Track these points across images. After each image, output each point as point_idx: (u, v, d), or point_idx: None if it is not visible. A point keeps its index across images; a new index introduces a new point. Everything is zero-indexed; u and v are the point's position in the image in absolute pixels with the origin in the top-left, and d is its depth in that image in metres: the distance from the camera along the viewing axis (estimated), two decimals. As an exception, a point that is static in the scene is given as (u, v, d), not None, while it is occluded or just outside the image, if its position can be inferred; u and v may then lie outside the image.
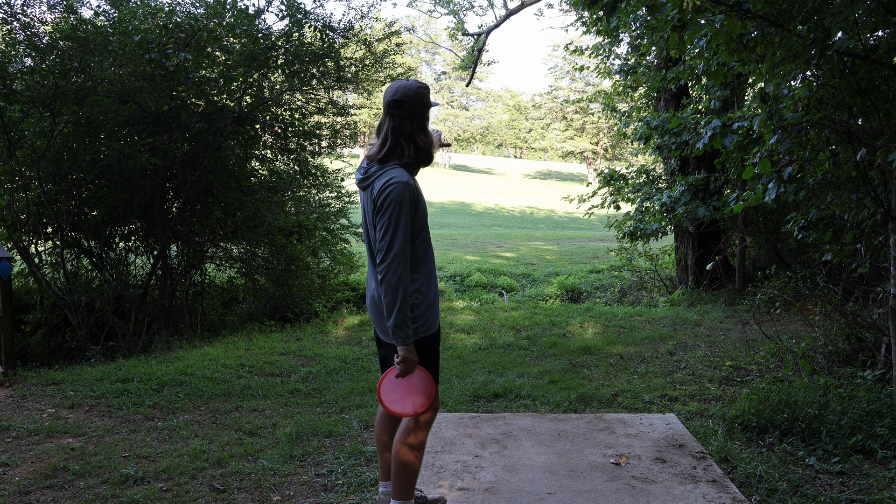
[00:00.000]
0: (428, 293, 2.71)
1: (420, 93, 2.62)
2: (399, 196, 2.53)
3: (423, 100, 2.63)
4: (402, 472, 2.74)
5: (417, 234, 2.67)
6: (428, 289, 2.72)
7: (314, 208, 9.14)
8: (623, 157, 51.32)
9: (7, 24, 6.40)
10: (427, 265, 2.73)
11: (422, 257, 2.70)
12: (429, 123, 2.69)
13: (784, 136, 4.76)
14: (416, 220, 2.63)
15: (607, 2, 4.97)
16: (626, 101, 11.79)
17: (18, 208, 6.54)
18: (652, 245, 11.72)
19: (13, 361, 5.59)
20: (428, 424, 2.78)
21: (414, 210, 2.59)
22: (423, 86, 2.64)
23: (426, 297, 2.70)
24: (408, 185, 2.55)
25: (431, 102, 2.66)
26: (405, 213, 2.54)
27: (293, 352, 6.38)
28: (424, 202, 2.72)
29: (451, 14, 15.75)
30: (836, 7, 3.86)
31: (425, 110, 2.64)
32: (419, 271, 2.70)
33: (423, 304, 2.68)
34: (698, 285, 9.80)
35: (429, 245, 2.76)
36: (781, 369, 5.16)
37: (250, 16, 7.02)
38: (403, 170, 2.61)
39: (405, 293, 2.55)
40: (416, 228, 2.65)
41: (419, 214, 2.64)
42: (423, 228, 2.72)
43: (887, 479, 3.32)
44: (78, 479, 3.44)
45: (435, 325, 2.74)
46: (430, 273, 2.74)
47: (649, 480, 3.36)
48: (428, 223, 2.77)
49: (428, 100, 2.65)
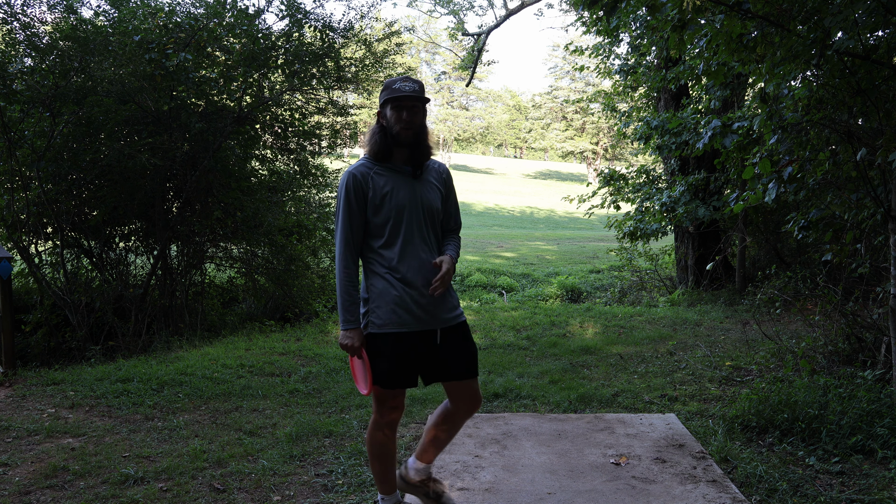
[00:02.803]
0: (381, 293, 2.69)
1: (383, 86, 2.76)
2: (340, 187, 2.73)
3: (381, 92, 2.76)
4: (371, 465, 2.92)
5: (380, 229, 2.70)
6: (381, 288, 2.69)
7: (314, 208, 9.14)
8: (623, 157, 51.31)
9: (7, 24, 6.40)
10: (385, 266, 2.70)
11: (389, 256, 2.70)
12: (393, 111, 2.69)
13: (784, 136, 4.76)
14: (373, 209, 2.69)
15: (607, 2, 4.96)
16: (626, 101, 11.80)
17: (18, 208, 6.54)
18: (652, 245, 11.72)
19: (13, 361, 5.59)
20: (376, 423, 2.81)
21: (362, 200, 2.69)
22: (389, 80, 2.74)
23: (379, 296, 2.69)
24: (348, 173, 2.71)
25: (391, 89, 2.69)
26: (343, 201, 2.69)
27: (293, 352, 6.38)
28: (395, 196, 2.70)
29: (451, 14, 15.75)
30: (836, 7, 3.86)
31: (381, 101, 2.75)
32: (378, 266, 2.72)
33: (374, 300, 2.70)
34: (698, 285, 9.80)
35: (400, 245, 2.70)
36: (781, 369, 5.16)
37: (250, 16, 7.02)
38: (361, 158, 2.79)
39: (339, 281, 2.69)
40: (377, 221, 2.70)
41: (374, 204, 2.69)
42: (390, 225, 2.70)
43: (887, 479, 3.31)
44: (78, 479, 3.44)
45: (384, 328, 2.68)
46: (390, 273, 2.70)
47: (649, 480, 3.36)
48: (408, 226, 2.71)
49: (386, 89, 2.72)
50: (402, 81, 2.69)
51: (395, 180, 2.72)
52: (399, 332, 2.67)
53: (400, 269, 2.68)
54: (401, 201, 2.69)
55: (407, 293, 2.67)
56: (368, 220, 2.70)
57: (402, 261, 2.69)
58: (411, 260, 2.70)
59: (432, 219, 2.78)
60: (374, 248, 2.72)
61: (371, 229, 2.71)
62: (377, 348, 2.69)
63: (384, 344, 2.68)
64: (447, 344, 2.75)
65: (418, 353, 2.71)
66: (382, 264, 2.70)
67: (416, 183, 2.75)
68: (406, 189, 2.72)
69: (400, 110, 2.67)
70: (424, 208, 2.74)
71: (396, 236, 2.70)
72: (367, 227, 2.72)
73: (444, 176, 2.87)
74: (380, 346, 2.69)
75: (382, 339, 2.68)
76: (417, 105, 2.69)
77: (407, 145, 2.71)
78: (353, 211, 2.67)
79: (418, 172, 2.76)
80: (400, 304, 2.67)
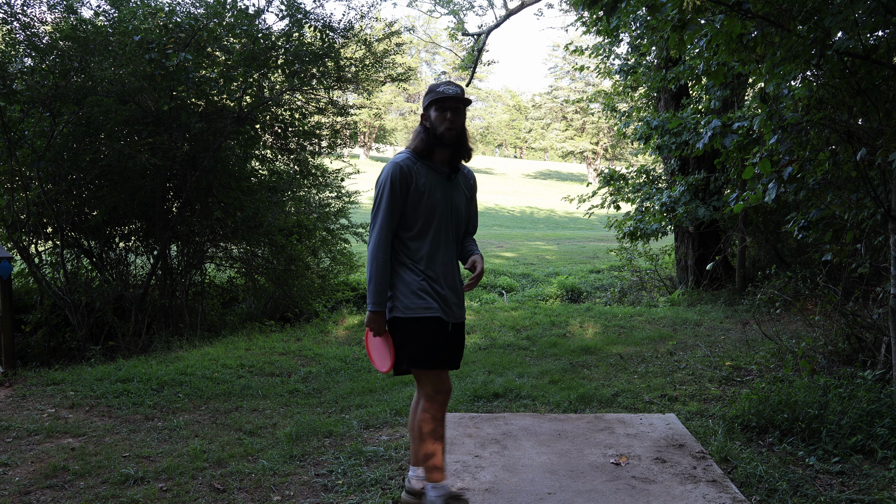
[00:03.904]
0: (407, 281, 2.86)
1: (426, 90, 2.94)
2: (384, 174, 2.85)
3: (425, 95, 2.94)
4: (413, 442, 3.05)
5: (413, 222, 2.85)
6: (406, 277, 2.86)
7: (314, 208, 9.15)
8: (623, 157, 51.28)
9: (7, 24, 6.40)
10: (412, 258, 2.88)
11: (415, 248, 2.88)
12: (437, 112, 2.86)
13: (784, 136, 4.76)
14: (412, 203, 2.83)
15: (607, 2, 4.96)
16: (626, 101, 11.79)
17: (18, 208, 6.54)
18: (652, 245, 11.72)
19: (13, 361, 5.59)
20: (425, 408, 2.91)
21: (405, 190, 2.82)
22: (433, 84, 2.92)
23: (404, 284, 2.86)
24: (395, 164, 2.84)
25: (435, 92, 2.87)
26: (388, 189, 2.81)
27: (293, 352, 6.38)
28: (432, 195, 2.86)
29: (451, 14, 15.75)
30: (836, 7, 3.86)
31: (425, 104, 2.93)
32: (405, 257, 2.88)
33: (399, 287, 2.86)
34: (698, 285, 9.80)
35: (429, 241, 2.88)
36: (781, 369, 5.16)
37: (250, 16, 7.02)
38: (404, 152, 2.91)
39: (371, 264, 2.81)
40: (412, 214, 2.84)
41: (413, 198, 2.83)
42: (422, 220, 2.86)
43: (887, 479, 3.31)
44: (78, 479, 3.44)
45: (409, 312, 2.83)
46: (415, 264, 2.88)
47: (649, 480, 3.36)
48: (439, 224, 2.89)
49: (430, 92, 2.89)
50: (446, 85, 2.88)
51: (434, 179, 2.89)
52: (425, 317, 2.84)
53: (426, 263, 2.87)
54: (436, 200, 2.87)
55: (431, 285, 2.86)
56: (404, 212, 2.86)
57: (429, 256, 2.88)
58: (437, 256, 2.89)
59: (457, 220, 2.97)
60: (404, 239, 2.89)
61: (404, 222, 2.87)
62: (406, 332, 2.84)
63: (411, 328, 2.84)
64: (454, 337, 2.97)
65: (441, 340, 2.88)
66: (410, 256, 2.88)
67: (448, 185, 2.93)
68: (441, 189, 2.90)
69: (444, 111, 2.85)
70: (453, 210, 2.94)
71: (426, 232, 2.88)
72: (401, 218, 2.87)
73: (471, 181, 3.10)
74: (407, 331, 2.84)
75: (408, 323, 2.84)
76: (459, 106, 2.87)
77: (450, 145, 2.87)
78: (395, 200, 2.82)
79: (453, 175, 2.94)
80: (425, 291, 2.85)
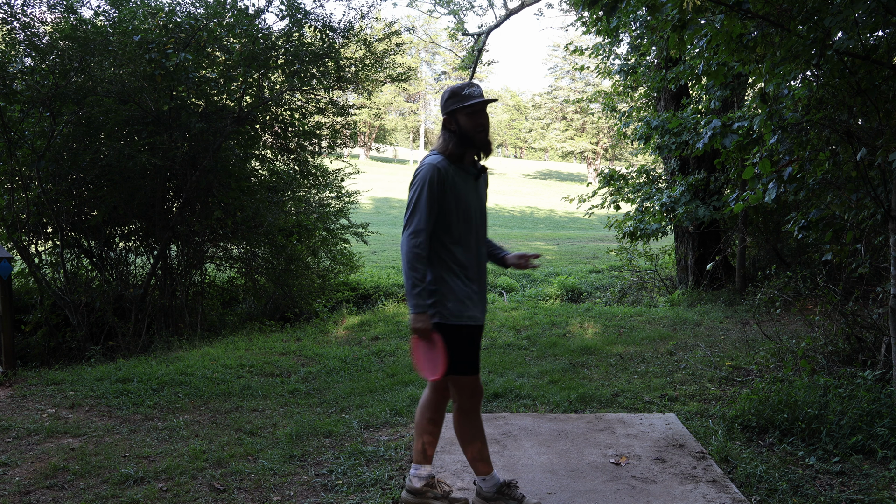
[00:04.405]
0: (452, 288, 2.86)
1: (443, 96, 2.93)
2: (423, 176, 2.82)
3: (443, 101, 2.94)
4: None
5: (452, 225, 2.85)
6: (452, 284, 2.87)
7: (314, 208, 9.14)
8: (623, 157, 51.28)
9: (7, 24, 6.40)
10: (456, 263, 2.89)
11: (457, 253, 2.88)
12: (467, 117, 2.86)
13: (784, 136, 4.75)
14: (449, 205, 2.83)
15: (607, 2, 4.96)
16: (626, 101, 11.78)
17: (18, 208, 6.54)
18: (652, 245, 11.71)
19: (13, 361, 5.59)
20: (463, 410, 2.95)
21: (443, 192, 2.81)
22: (447, 89, 2.92)
23: (450, 290, 2.86)
24: (433, 166, 2.81)
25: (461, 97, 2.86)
26: (426, 191, 2.79)
27: (293, 352, 6.38)
28: (466, 197, 2.87)
29: (451, 14, 15.75)
30: (836, 7, 3.86)
31: (444, 109, 2.92)
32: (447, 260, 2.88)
33: (445, 293, 2.86)
34: (698, 285, 9.80)
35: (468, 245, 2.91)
36: (781, 369, 5.16)
37: (250, 16, 7.02)
38: (436, 154, 2.90)
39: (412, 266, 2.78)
40: (451, 218, 2.84)
41: (450, 202, 2.83)
42: (461, 225, 2.87)
43: (887, 479, 3.32)
44: (78, 479, 3.44)
45: (456, 319, 2.86)
46: (460, 270, 2.89)
47: (649, 480, 3.36)
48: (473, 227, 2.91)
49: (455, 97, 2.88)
50: (469, 87, 2.88)
51: (466, 181, 2.91)
52: (470, 325, 2.89)
53: (468, 267, 2.90)
54: (470, 202, 2.90)
55: (471, 289, 2.90)
56: (442, 215, 2.85)
57: (469, 260, 2.91)
58: (473, 258, 2.92)
59: (484, 219, 3.01)
60: (446, 244, 2.88)
61: (444, 226, 2.87)
62: (454, 338, 2.85)
63: (459, 334, 2.87)
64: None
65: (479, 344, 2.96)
66: (450, 259, 2.88)
67: (476, 185, 2.96)
68: (472, 191, 2.93)
69: (474, 115, 2.86)
70: (482, 211, 2.98)
71: (465, 236, 2.90)
72: (441, 223, 2.87)
73: (486, 179, 3.09)
74: (455, 336, 2.86)
75: (457, 330, 2.86)
76: (485, 108, 2.89)
77: (482, 146, 2.90)
78: (433, 202, 2.81)
79: (480, 175, 2.96)
80: (468, 298, 2.89)
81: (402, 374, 5.49)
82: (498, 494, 3.01)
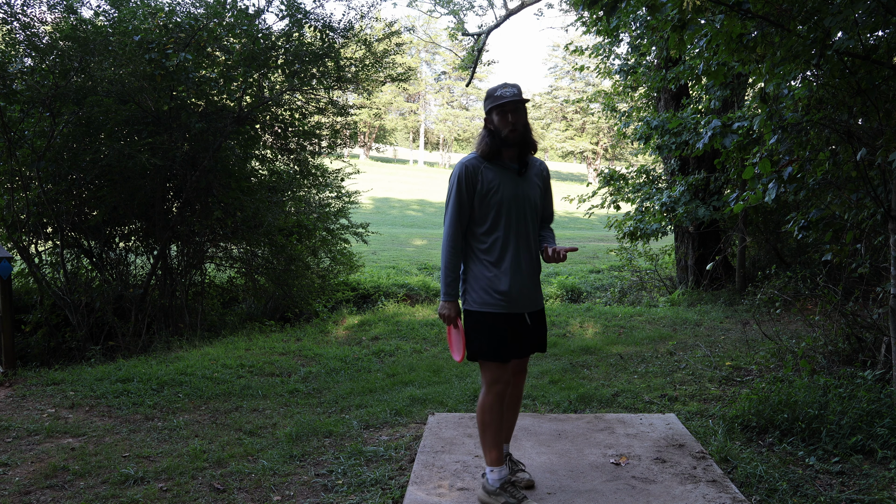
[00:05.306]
0: (478, 277, 3.02)
1: (486, 95, 3.05)
2: (453, 174, 3.03)
3: (485, 100, 3.06)
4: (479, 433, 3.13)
5: (483, 218, 3.00)
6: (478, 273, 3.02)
7: (314, 208, 9.15)
8: (623, 157, 51.27)
9: (7, 24, 6.40)
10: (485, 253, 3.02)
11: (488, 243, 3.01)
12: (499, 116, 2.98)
13: (784, 136, 4.75)
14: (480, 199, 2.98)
15: (607, 2, 4.96)
16: (626, 101, 11.78)
17: (18, 208, 6.54)
18: (652, 245, 11.72)
19: (13, 361, 5.60)
20: (485, 395, 3.04)
21: (471, 189, 2.97)
22: (491, 89, 3.03)
23: (475, 279, 3.03)
24: (461, 164, 3.00)
25: (494, 97, 2.98)
26: (455, 189, 2.98)
27: (293, 352, 6.38)
28: (501, 192, 2.99)
29: (451, 14, 15.74)
30: (836, 7, 3.86)
31: (486, 108, 3.05)
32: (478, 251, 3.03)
33: (470, 281, 3.05)
34: (698, 285, 9.80)
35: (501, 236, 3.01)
36: (781, 369, 5.16)
37: (250, 16, 7.02)
38: (472, 154, 3.07)
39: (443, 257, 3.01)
40: (481, 211, 2.99)
41: (480, 196, 2.97)
42: (492, 216, 2.99)
43: (887, 479, 3.31)
44: (78, 479, 3.44)
45: (477, 306, 3.01)
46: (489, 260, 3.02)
47: (649, 480, 3.36)
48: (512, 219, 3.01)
49: (490, 98, 3.01)
50: (503, 88, 2.99)
51: (503, 176, 3.02)
52: (489, 312, 3.00)
53: (497, 257, 3.01)
54: (505, 196, 3.00)
55: (499, 279, 3.00)
56: (474, 208, 3.01)
57: (500, 250, 3.01)
58: (509, 249, 3.02)
59: (533, 213, 3.09)
60: (477, 234, 3.04)
61: (476, 218, 3.03)
62: (473, 324, 3.02)
63: (478, 321, 3.02)
64: (534, 324, 3.11)
65: (511, 332, 3.02)
66: (481, 250, 3.03)
67: (520, 180, 3.05)
68: (511, 185, 3.02)
69: (505, 114, 2.97)
70: (526, 203, 3.05)
71: (497, 227, 3.01)
72: (473, 215, 3.02)
73: (544, 173, 3.21)
74: (475, 323, 3.02)
75: (477, 316, 3.02)
76: (519, 106, 2.98)
77: (515, 145, 3.00)
78: (462, 198, 2.99)
79: (524, 171, 3.06)
80: (491, 287, 3.00)
81: (402, 374, 5.49)
82: (500, 490, 3.04)
